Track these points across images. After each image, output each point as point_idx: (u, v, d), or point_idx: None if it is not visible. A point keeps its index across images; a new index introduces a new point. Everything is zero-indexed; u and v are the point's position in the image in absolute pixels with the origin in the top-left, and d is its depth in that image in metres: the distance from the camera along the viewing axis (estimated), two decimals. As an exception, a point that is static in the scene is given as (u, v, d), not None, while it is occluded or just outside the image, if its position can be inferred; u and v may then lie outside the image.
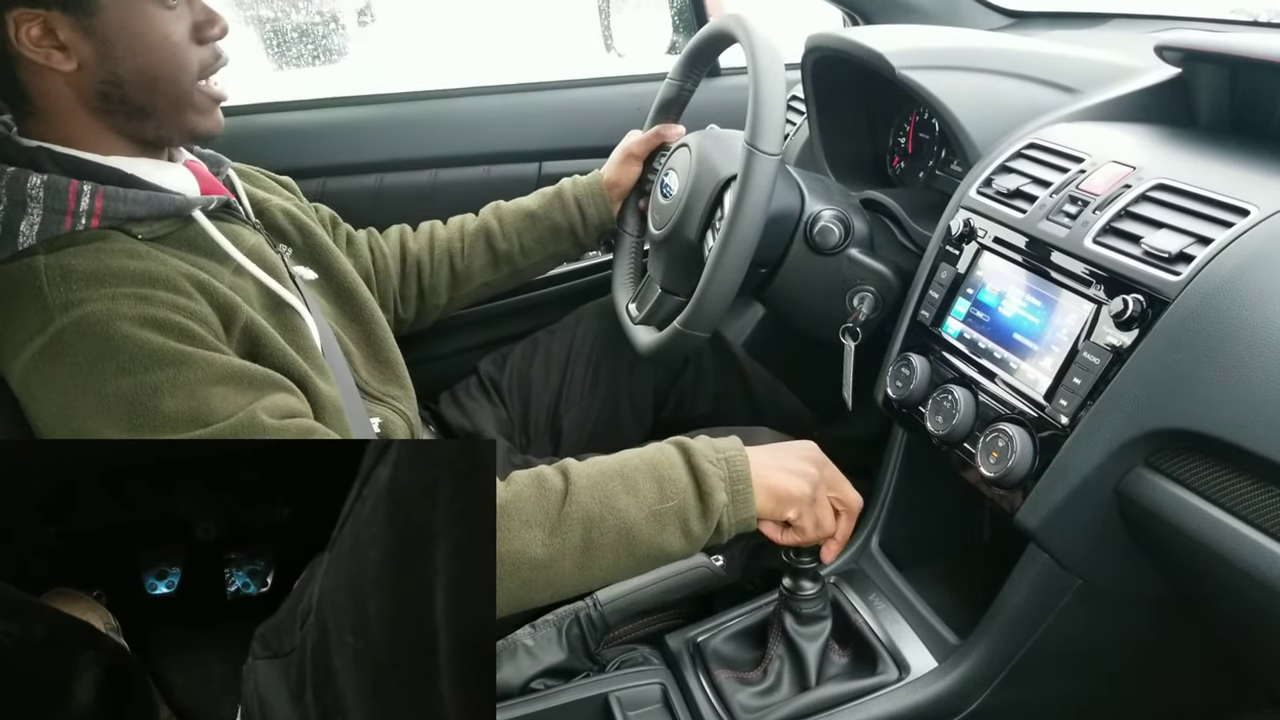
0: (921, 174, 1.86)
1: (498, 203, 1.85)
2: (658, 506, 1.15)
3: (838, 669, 1.38)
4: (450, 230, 1.82)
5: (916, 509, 1.55)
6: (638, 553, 1.14)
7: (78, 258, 1.08)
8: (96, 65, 1.13)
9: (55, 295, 1.05)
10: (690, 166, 1.58)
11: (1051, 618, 1.26)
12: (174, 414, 1.04)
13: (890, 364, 1.45)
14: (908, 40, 1.63)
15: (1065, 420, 1.14)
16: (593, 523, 1.12)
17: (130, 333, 1.05)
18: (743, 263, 1.40)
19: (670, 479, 1.16)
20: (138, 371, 1.04)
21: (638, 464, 1.18)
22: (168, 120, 1.20)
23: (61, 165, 1.14)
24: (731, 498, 1.17)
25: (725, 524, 1.18)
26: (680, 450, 1.20)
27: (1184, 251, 1.07)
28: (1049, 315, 1.21)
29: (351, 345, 1.47)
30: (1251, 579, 0.98)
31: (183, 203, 1.19)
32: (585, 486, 1.14)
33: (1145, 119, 1.46)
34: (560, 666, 1.38)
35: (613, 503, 1.13)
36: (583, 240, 1.83)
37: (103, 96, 1.15)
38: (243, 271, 1.23)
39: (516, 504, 1.10)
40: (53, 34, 1.09)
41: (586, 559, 1.12)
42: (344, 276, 1.51)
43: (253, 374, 1.12)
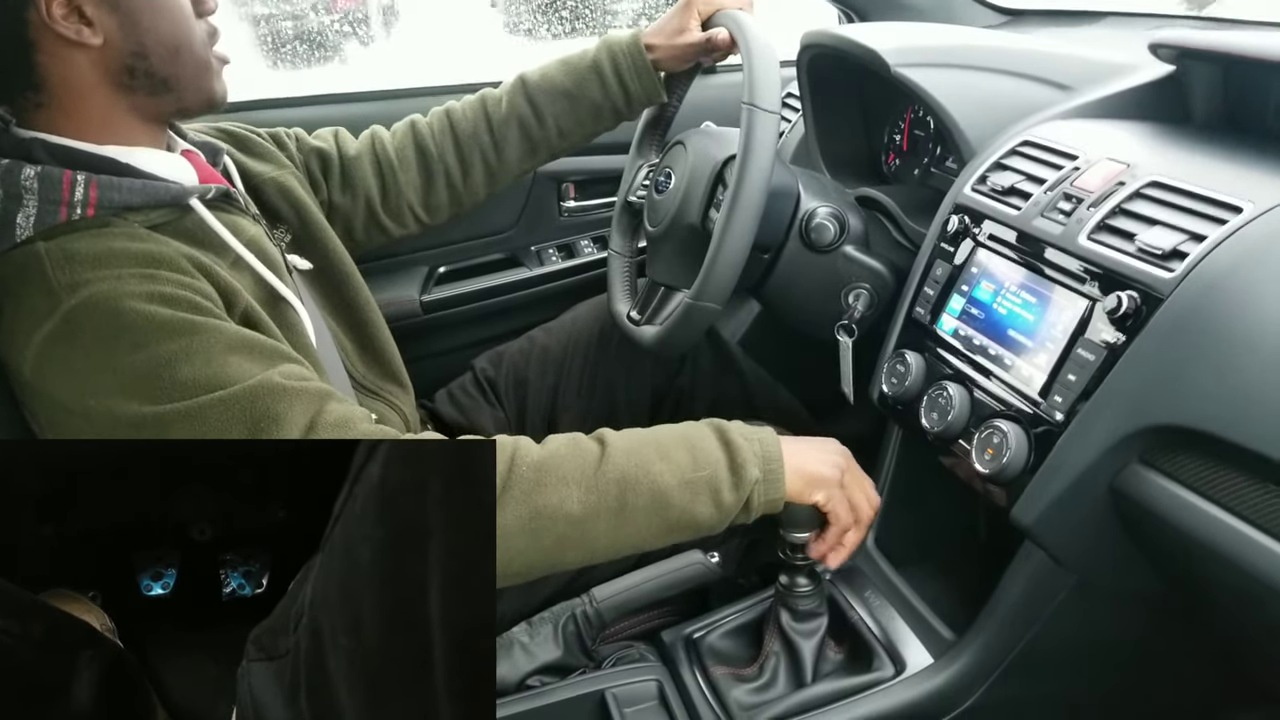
0: (916, 171, 1.86)
1: (524, 76, 1.70)
2: (691, 474, 1.16)
3: (833, 665, 1.38)
4: (474, 119, 1.70)
5: (912, 506, 1.55)
6: (669, 518, 1.15)
7: (79, 242, 1.08)
8: (122, 38, 1.13)
9: (60, 278, 1.05)
10: (687, 158, 1.58)
11: (1047, 614, 1.27)
12: (190, 381, 1.04)
13: (885, 361, 1.45)
14: (903, 38, 1.63)
15: (1060, 416, 1.15)
16: (628, 484, 1.12)
17: (139, 308, 1.04)
18: (752, 224, 1.39)
19: (704, 449, 1.18)
20: (150, 344, 1.04)
21: (672, 434, 1.20)
22: (190, 89, 1.21)
23: (56, 156, 1.14)
24: (763, 474, 1.19)
25: (755, 499, 1.19)
26: (714, 426, 1.22)
27: (1178, 248, 1.07)
28: (1043, 312, 1.21)
29: (345, 339, 1.47)
30: (1246, 575, 0.98)
31: (179, 191, 1.19)
32: (621, 449, 1.15)
33: (1139, 116, 1.47)
34: (556, 663, 1.38)
35: (648, 467, 1.14)
36: (625, 115, 1.72)
37: (128, 71, 1.15)
38: (240, 264, 1.23)
39: (554, 461, 1.11)
40: (78, 10, 1.10)
41: (620, 520, 1.12)
42: (339, 264, 1.50)
43: (263, 344, 1.12)
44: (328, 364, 1.31)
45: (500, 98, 1.69)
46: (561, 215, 2.46)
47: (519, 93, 1.68)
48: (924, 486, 1.53)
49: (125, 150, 1.18)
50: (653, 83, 1.65)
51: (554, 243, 2.45)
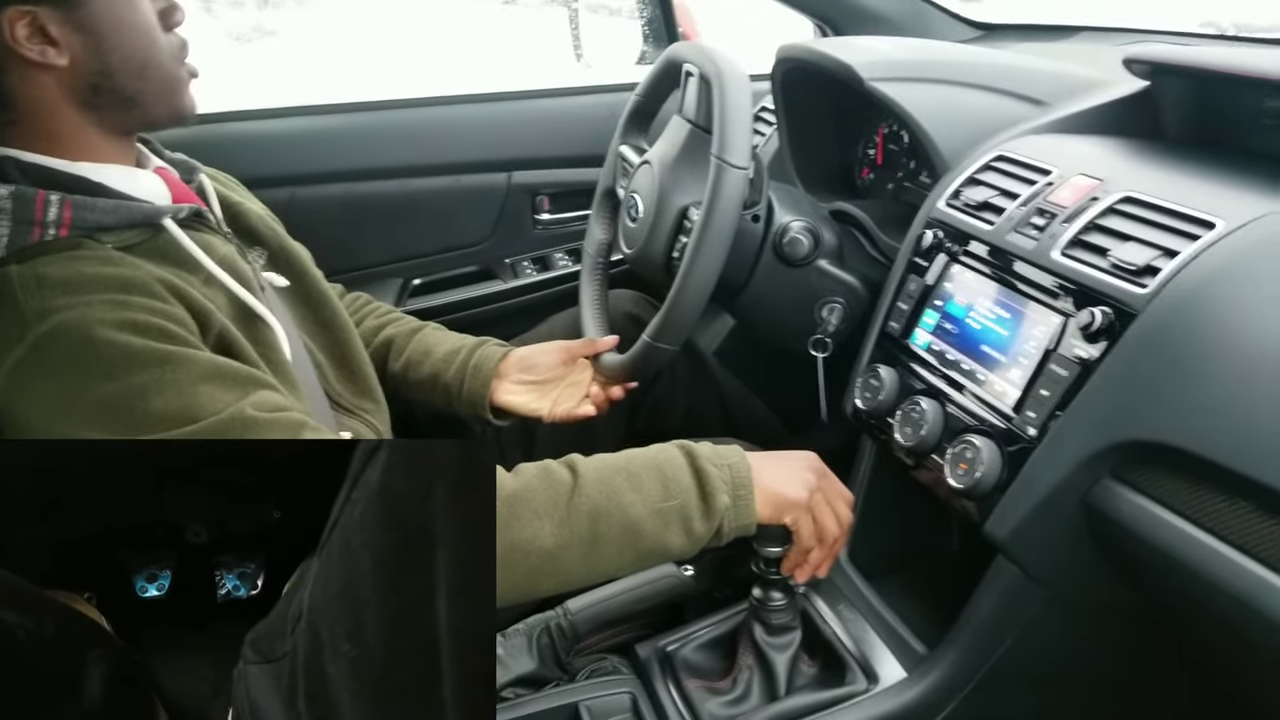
0: (890, 185, 1.86)
1: (435, 326, 1.75)
2: (661, 504, 1.15)
3: (807, 679, 1.38)
4: (378, 320, 1.74)
5: (886, 519, 1.55)
6: (641, 548, 1.15)
7: (51, 265, 1.07)
8: (88, 57, 1.12)
9: (31, 304, 1.04)
10: (654, 188, 1.58)
11: (1020, 628, 1.27)
12: (163, 413, 1.03)
13: (859, 375, 1.45)
14: (877, 52, 1.64)
15: (1033, 432, 1.15)
16: (599, 516, 1.12)
17: (110, 337, 1.03)
18: (711, 276, 1.39)
19: (674, 479, 1.17)
20: (121, 376, 1.03)
21: (642, 462, 1.19)
22: (157, 104, 1.20)
23: (29, 174, 1.13)
24: (733, 501, 1.18)
25: (726, 527, 1.18)
26: (684, 452, 1.21)
27: (1151, 264, 1.08)
28: (1017, 327, 1.22)
29: (322, 356, 1.46)
30: (1217, 590, 0.98)
31: (152, 211, 1.18)
32: (593, 480, 1.15)
33: (1113, 132, 1.47)
34: (530, 675, 1.38)
35: (618, 498, 1.14)
36: (455, 406, 1.68)
37: (93, 89, 1.14)
38: (214, 282, 1.22)
39: (526, 493, 1.11)
40: (43, 30, 1.08)
41: (592, 551, 1.12)
42: (315, 284, 1.50)
43: (237, 371, 1.12)
44: (304, 381, 1.30)
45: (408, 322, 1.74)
46: (536, 228, 2.45)
47: (410, 330, 1.72)
48: (898, 500, 1.53)
49: (97, 168, 1.17)
50: (482, 388, 1.64)
51: (528, 255, 2.45)
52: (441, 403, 1.68)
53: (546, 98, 2.50)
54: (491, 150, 2.39)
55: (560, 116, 2.46)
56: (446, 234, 2.34)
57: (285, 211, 1.65)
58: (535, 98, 2.49)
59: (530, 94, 2.49)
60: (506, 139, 2.40)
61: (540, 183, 2.40)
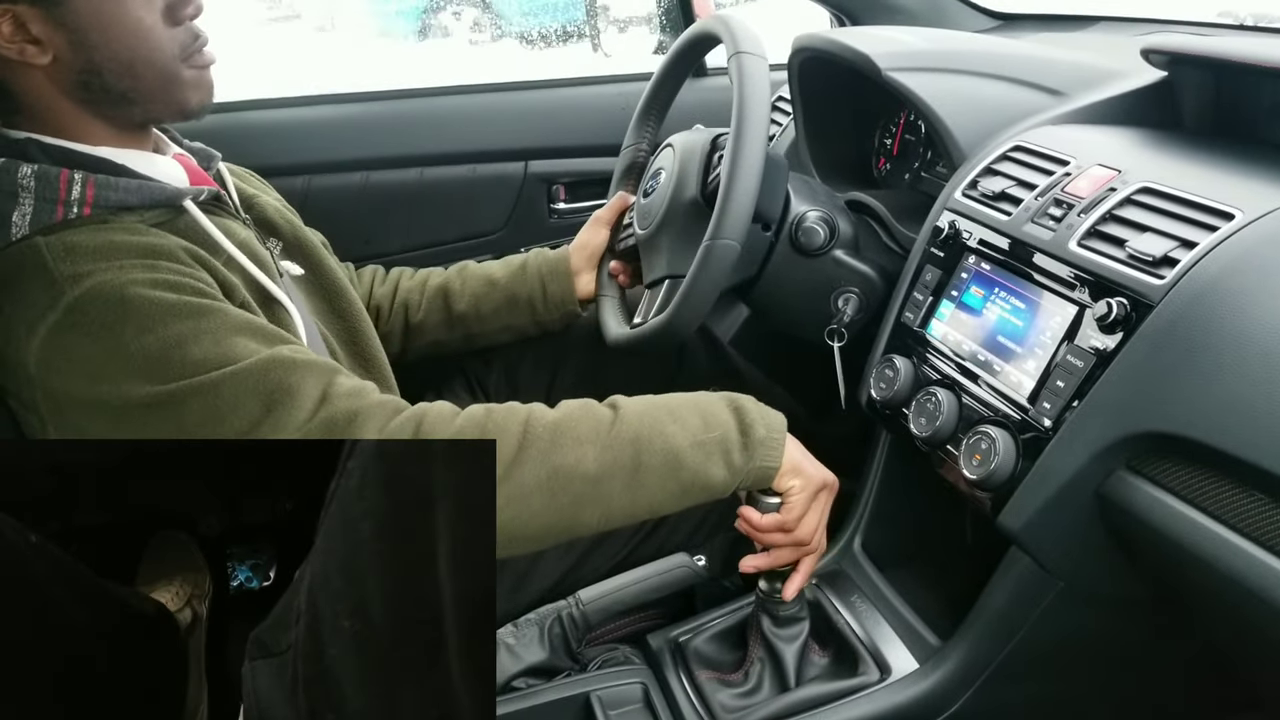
0: (907, 176, 1.86)
1: (466, 263, 1.82)
2: (703, 435, 1.18)
3: (818, 670, 1.38)
4: (414, 281, 1.79)
5: (899, 510, 1.55)
6: (683, 478, 1.16)
7: (79, 235, 1.08)
8: (72, 56, 1.11)
9: (62, 269, 1.05)
10: (675, 151, 1.58)
11: (1033, 620, 1.26)
12: (201, 359, 1.04)
13: (874, 365, 1.45)
14: (894, 42, 1.63)
15: (1048, 423, 1.14)
16: (642, 443, 1.14)
17: (145, 294, 1.05)
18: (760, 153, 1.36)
19: (713, 414, 1.21)
20: (158, 327, 1.04)
21: (681, 400, 1.22)
22: (155, 102, 1.20)
23: (51, 155, 1.13)
24: (768, 437, 1.21)
25: (758, 461, 1.21)
26: (720, 394, 1.25)
27: (1168, 255, 1.07)
28: (1033, 318, 1.21)
29: (335, 343, 1.47)
30: (1232, 583, 0.98)
31: (173, 192, 1.19)
32: (634, 413, 1.17)
33: (1131, 122, 1.47)
34: (542, 665, 1.38)
35: (660, 428, 1.16)
36: (540, 315, 1.76)
37: (83, 86, 1.14)
38: (233, 264, 1.22)
39: (569, 421, 1.13)
40: (24, 28, 1.08)
41: (635, 479, 1.14)
42: (330, 273, 1.50)
43: (267, 328, 1.13)
44: None
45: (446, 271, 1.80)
46: (551, 217, 2.45)
47: (456, 271, 1.80)
48: (911, 491, 1.52)
49: (118, 152, 1.18)
50: (569, 286, 1.74)
51: (544, 245, 2.44)
52: (524, 319, 1.75)
53: (563, 87, 2.51)
54: (508, 139, 2.39)
55: (577, 106, 2.46)
56: (462, 223, 2.34)
57: (302, 200, 1.66)
58: (552, 87, 2.50)
59: (547, 83, 2.50)
60: (523, 128, 2.40)
61: (557, 172, 2.40)
